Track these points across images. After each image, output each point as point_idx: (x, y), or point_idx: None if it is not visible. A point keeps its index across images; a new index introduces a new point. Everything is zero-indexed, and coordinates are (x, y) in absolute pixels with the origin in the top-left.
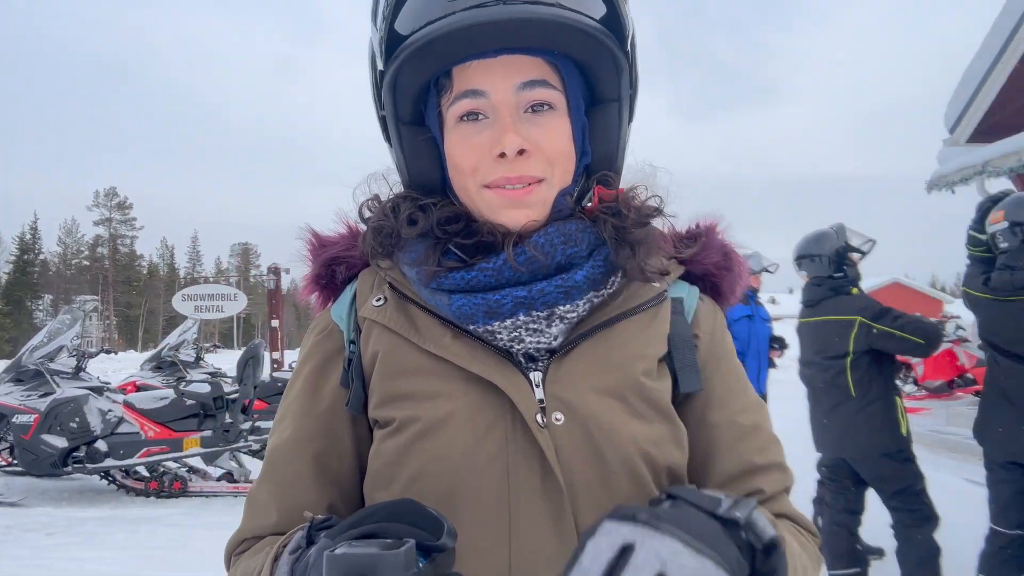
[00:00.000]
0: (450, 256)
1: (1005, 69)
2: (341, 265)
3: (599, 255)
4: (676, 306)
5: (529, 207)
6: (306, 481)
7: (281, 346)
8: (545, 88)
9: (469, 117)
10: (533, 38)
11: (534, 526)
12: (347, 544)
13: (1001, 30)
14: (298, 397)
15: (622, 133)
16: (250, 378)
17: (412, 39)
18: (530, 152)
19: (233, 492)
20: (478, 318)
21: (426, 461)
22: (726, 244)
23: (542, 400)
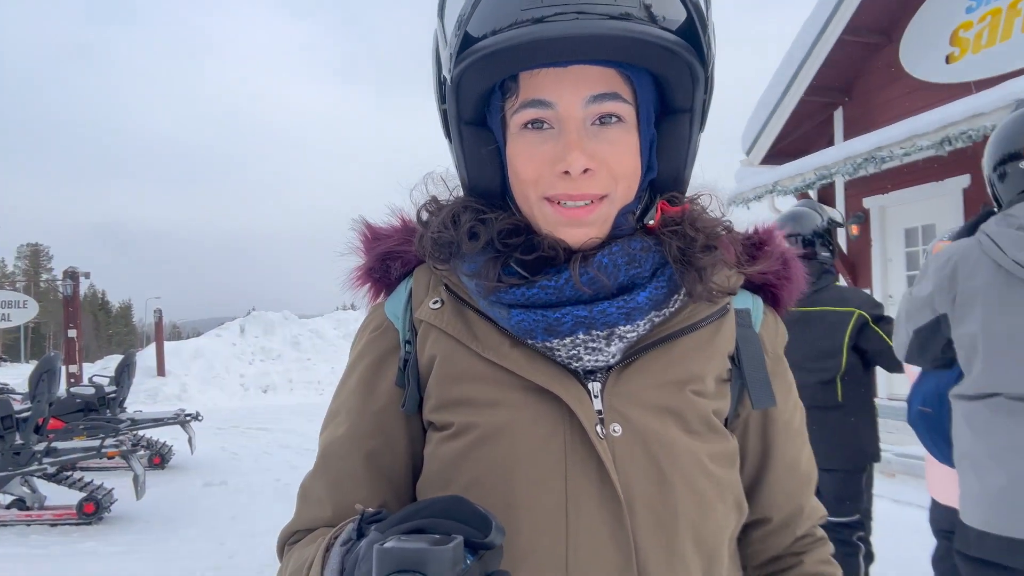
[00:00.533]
0: (509, 271)
1: (793, 100)
2: (396, 260)
3: (662, 275)
4: (742, 318)
5: (589, 226)
6: (360, 478)
7: (79, 358)
8: (615, 101)
9: (534, 125)
10: (608, 52)
11: (592, 536)
12: (396, 538)
13: (791, 62)
14: (353, 394)
15: (692, 145)
16: (44, 394)
17: (482, 45)
18: (595, 171)
19: (25, 521)
20: (537, 334)
21: (484, 468)
22: (786, 251)
23: (600, 411)
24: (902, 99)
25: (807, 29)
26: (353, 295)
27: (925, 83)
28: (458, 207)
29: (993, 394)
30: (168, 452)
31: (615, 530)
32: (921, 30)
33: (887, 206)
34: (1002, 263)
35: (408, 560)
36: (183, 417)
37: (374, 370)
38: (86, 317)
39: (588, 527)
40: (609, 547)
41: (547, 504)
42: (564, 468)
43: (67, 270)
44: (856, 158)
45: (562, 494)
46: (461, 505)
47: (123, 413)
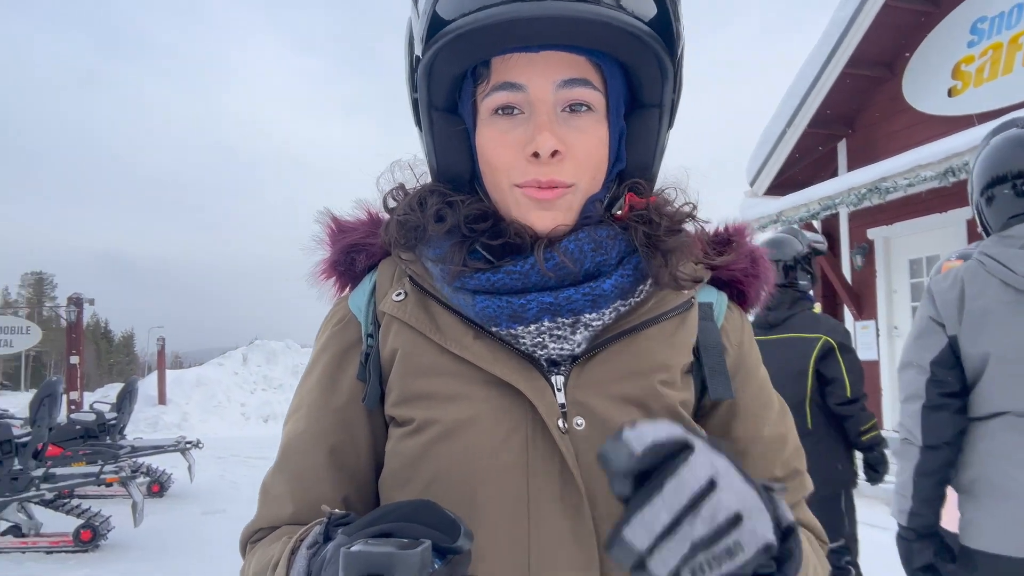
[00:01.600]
0: (475, 255)
1: (796, 132)
2: (361, 253)
3: (629, 263)
4: (705, 311)
5: (557, 210)
6: (322, 474)
7: (80, 385)
8: (586, 88)
9: (504, 111)
10: (579, 36)
11: (553, 531)
12: (363, 542)
13: (794, 96)
14: (314, 388)
15: (660, 140)
16: (44, 419)
17: (453, 26)
18: (563, 155)
19: (21, 548)
20: (501, 321)
21: (445, 464)
22: (754, 249)
23: (563, 405)
24: (905, 131)
25: (811, 62)
26: (318, 289)
27: (928, 116)
28: (425, 191)
29: (1001, 413)
30: (167, 480)
31: (577, 526)
32: (924, 64)
33: (891, 237)
34: (1010, 281)
35: (375, 564)
36: (183, 445)
37: (336, 364)
38: (88, 346)
39: (550, 524)
40: (571, 544)
41: (508, 501)
42: (526, 464)
43: (71, 296)
44: (860, 188)
45: (524, 490)
46: (429, 509)
47: (123, 440)
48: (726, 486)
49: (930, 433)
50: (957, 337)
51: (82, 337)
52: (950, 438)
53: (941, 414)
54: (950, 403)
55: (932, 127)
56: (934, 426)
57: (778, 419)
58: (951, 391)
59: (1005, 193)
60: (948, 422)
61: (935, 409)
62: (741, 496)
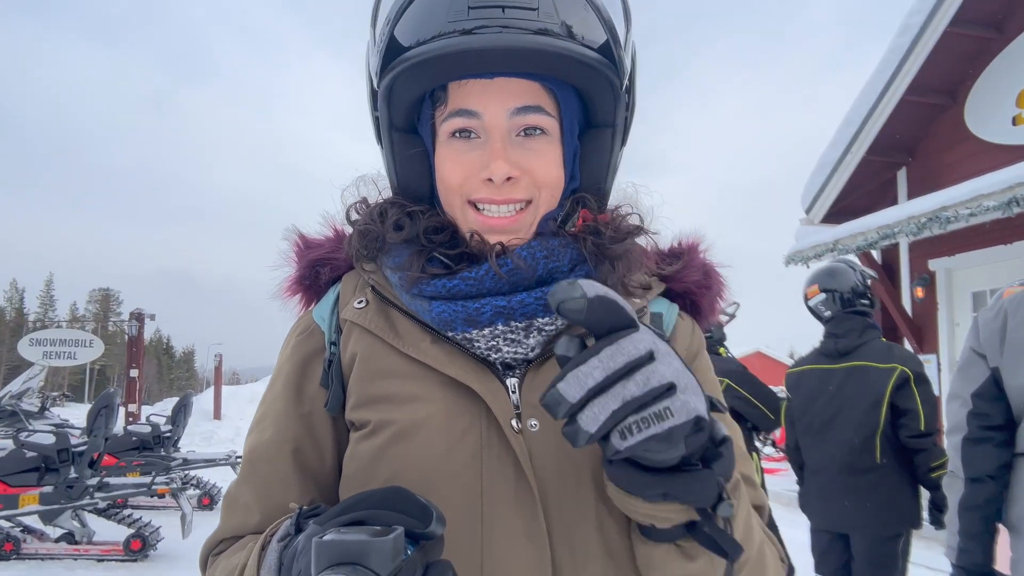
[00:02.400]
0: (434, 263)
1: (854, 159)
2: (326, 267)
3: (580, 271)
4: (655, 320)
5: (511, 232)
6: (287, 481)
7: (139, 398)
8: (539, 114)
9: (461, 134)
10: (531, 65)
11: (506, 531)
12: (335, 531)
13: (851, 123)
14: (279, 397)
15: (613, 158)
16: (101, 429)
17: (410, 54)
18: (517, 178)
19: (72, 555)
20: (457, 325)
21: (400, 465)
22: (707, 263)
23: (518, 406)
24: (967, 160)
25: (869, 88)
26: (284, 305)
27: (991, 144)
28: (385, 204)
29: None
30: (218, 493)
31: (530, 525)
32: (986, 91)
33: (953, 268)
34: None
35: (348, 552)
36: (234, 459)
37: (300, 373)
38: (150, 360)
39: (503, 523)
40: (524, 543)
41: (462, 499)
42: (480, 463)
43: (134, 312)
44: (920, 218)
45: (477, 489)
46: (401, 495)
47: (176, 452)
48: (664, 361)
49: (971, 466)
50: (999, 369)
51: (142, 351)
52: (993, 471)
53: (983, 447)
54: (992, 436)
55: (995, 156)
56: (975, 459)
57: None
58: (993, 424)
59: None
60: (990, 455)
61: (976, 442)
62: (678, 372)
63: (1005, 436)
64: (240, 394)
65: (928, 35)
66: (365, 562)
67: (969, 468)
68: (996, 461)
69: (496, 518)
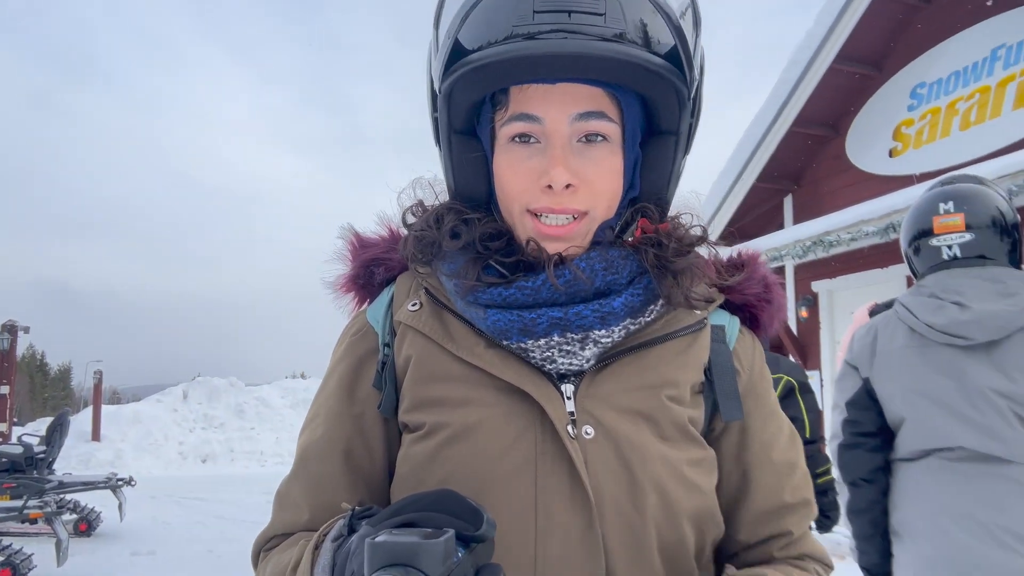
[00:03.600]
0: (489, 271)
1: (745, 185)
2: (380, 267)
3: (639, 284)
4: (717, 333)
5: (567, 241)
6: (338, 480)
7: (10, 417)
8: (601, 120)
9: (521, 139)
10: (596, 72)
11: (562, 537)
12: (388, 532)
13: (743, 152)
14: (331, 396)
15: (676, 167)
16: None
17: (473, 58)
18: (576, 187)
19: None
20: (512, 334)
21: (454, 467)
22: (767, 275)
23: (572, 413)
24: (848, 189)
25: (758, 120)
26: (337, 302)
27: (870, 174)
28: (442, 209)
29: (919, 453)
30: (96, 518)
31: (585, 532)
32: (866, 125)
33: (835, 290)
34: (915, 327)
35: (400, 554)
36: (115, 481)
37: (353, 373)
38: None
39: (558, 528)
40: (579, 548)
41: (516, 503)
42: (534, 467)
43: (6, 323)
44: (805, 241)
45: (532, 494)
46: (453, 498)
47: (51, 475)
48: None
49: (846, 470)
50: (870, 379)
51: (14, 366)
52: (866, 475)
53: (855, 452)
54: (864, 442)
55: (874, 186)
56: (849, 463)
57: (788, 445)
58: (865, 431)
59: (930, 244)
60: (862, 460)
61: (849, 448)
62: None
63: (877, 442)
64: (122, 414)
65: (814, 70)
66: (416, 563)
67: (845, 472)
68: (868, 465)
69: (550, 523)
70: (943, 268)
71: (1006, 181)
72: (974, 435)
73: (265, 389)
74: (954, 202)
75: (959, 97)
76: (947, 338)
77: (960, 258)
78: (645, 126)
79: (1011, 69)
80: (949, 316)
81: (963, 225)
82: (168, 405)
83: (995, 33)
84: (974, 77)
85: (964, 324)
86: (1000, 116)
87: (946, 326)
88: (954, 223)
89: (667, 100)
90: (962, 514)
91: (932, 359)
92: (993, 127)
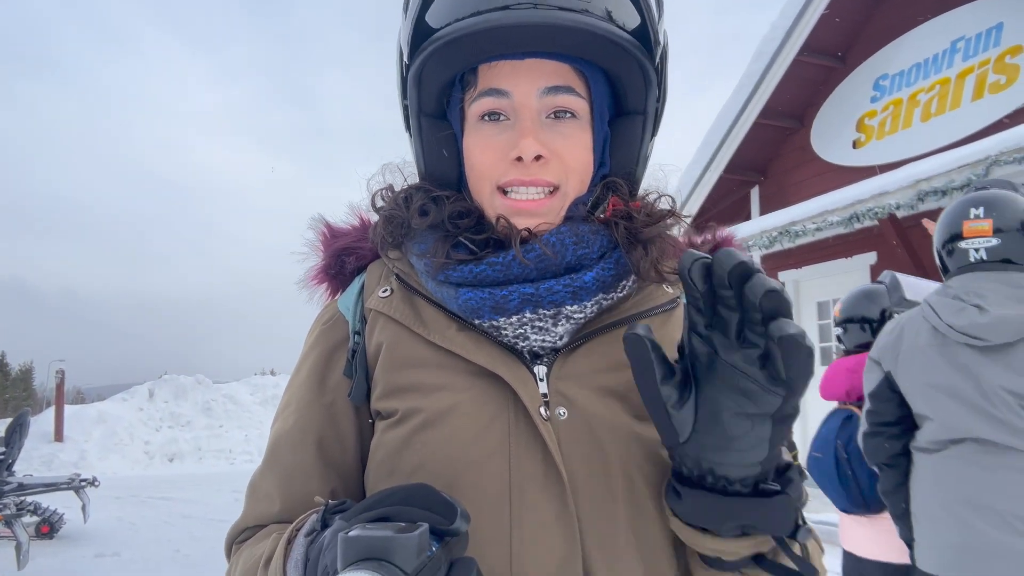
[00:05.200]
0: (460, 249)
1: (713, 177)
2: (351, 256)
3: (610, 258)
4: None
5: (540, 216)
6: (310, 470)
7: None
8: (569, 95)
9: (491, 117)
10: (562, 44)
11: (536, 519)
12: (361, 527)
13: (710, 144)
14: (302, 386)
15: (644, 147)
16: None
17: (440, 34)
18: (547, 159)
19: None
20: (484, 313)
21: (427, 453)
22: None
23: (545, 395)
24: (813, 180)
25: (725, 113)
26: (310, 294)
27: (834, 166)
28: (411, 189)
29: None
30: (58, 520)
31: (559, 513)
32: (830, 117)
33: (800, 280)
34: (938, 327)
35: (373, 548)
36: (78, 482)
37: (324, 362)
38: None
39: (532, 510)
40: (553, 530)
41: (490, 487)
42: (508, 451)
43: None
44: (771, 232)
45: (505, 477)
46: (426, 492)
47: (10, 477)
48: None
49: (870, 456)
50: (891, 373)
51: None
52: (887, 460)
53: (876, 439)
54: (883, 430)
55: (838, 176)
56: (871, 450)
57: None
58: (884, 420)
59: (962, 247)
60: (882, 447)
61: (871, 436)
62: None
63: (896, 430)
64: (86, 414)
65: (779, 63)
66: (390, 558)
67: (869, 458)
68: (888, 451)
69: (525, 505)
70: (969, 270)
71: (965, 171)
72: (991, 428)
73: (233, 386)
74: (984, 207)
75: (920, 89)
76: (966, 339)
77: (986, 261)
78: (613, 106)
79: (970, 61)
80: (969, 318)
81: (991, 230)
82: (134, 404)
83: (954, 25)
84: (935, 69)
85: (982, 327)
86: (960, 107)
87: (965, 327)
88: (982, 227)
89: (633, 77)
90: (981, 504)
91: (952, 358)
92: (953, 118)
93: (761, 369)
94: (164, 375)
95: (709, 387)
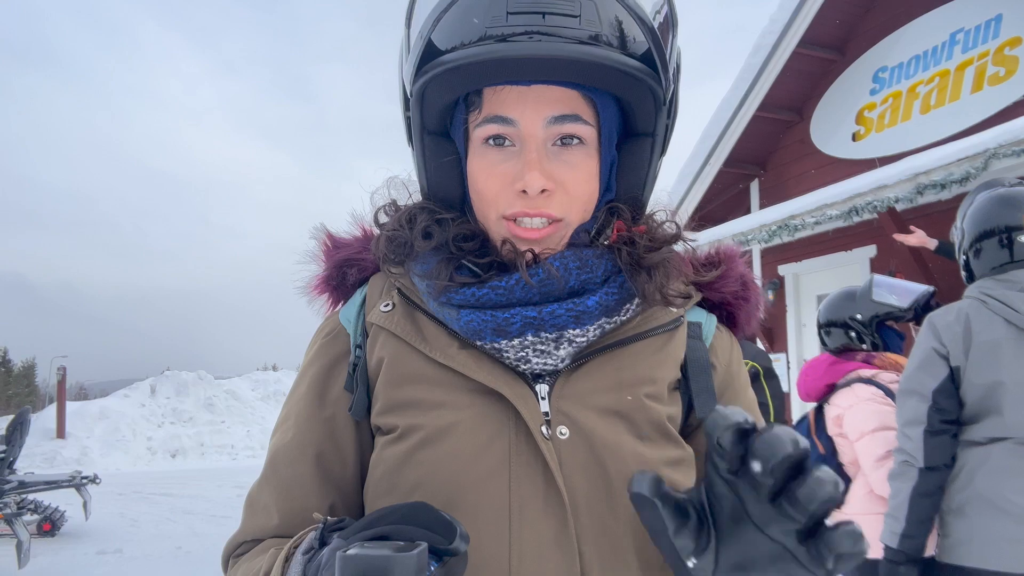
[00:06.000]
0: (463, 272)
1: (712, 171)
2: (353, 267)
3: (614, 282)
4: (694, 330)
5: (542, 244)
6: (308, 484)
7: None
8: (576, 123)
9: (495, 141)
10: (571, 74)
11: (536, 538)
12: (359, 545)
13: (709, 137)
14: (302, 399)
15: (652, 168)
16: None
17: (446, 59)
18: (552, 191)
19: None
20: (486, 335)
21: (427, 470)
22: (745, 273)
23: (547, 414)
24: (812, 173)
25: (724, 106)
26: (311, 304)
27: (833, 159)
28: (415, 209)
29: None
30: (60, 518)
31: (559, 534)
32: (830, 109)
33: (800, 273)
34: (1013, 320)
35: (372, 567)
36: (79, 480)
37: (324, 375)
38: None
39: (532, 530)
40: (553, 551)
41: (490, 506)
42: (508, 470)
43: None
44: (771, 226)
45: (506, 496)
46: (425, 511)
47: (11, 475)
48: None
49: (932, 455)
50: (960, 368)
51: None
52: (948, 460)
53: (941, 438)
54: (949, 428)
55: (838, 169)
56: (934, 449)
57: None
58: (950, 418)
59: (992, 245)
60: (946, 446)
61: (936, 434)
62: None
63: (957, 429)
64: (88, 410)
65: (778, 55)
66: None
67: (930, 457)
68: (951, 450)
69: (525, 525)
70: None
71: (964, 164)
72: None
73: (235, 382)
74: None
75: (919, 81)
76: None
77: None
78: (621, 127)
79: (969, 53)
80: None
81: None
82: (136, 400)
83: (954, 17)
84: (934, 61)
85: None
86: (959, 100)
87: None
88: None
89: (643, 102)
90: None
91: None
92: (952, 110)
93: (800, 544)
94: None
95: (734, 542)
